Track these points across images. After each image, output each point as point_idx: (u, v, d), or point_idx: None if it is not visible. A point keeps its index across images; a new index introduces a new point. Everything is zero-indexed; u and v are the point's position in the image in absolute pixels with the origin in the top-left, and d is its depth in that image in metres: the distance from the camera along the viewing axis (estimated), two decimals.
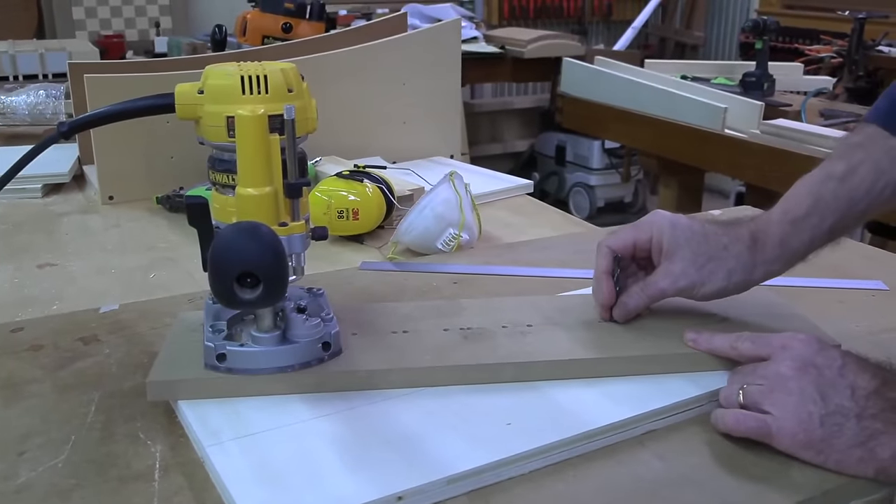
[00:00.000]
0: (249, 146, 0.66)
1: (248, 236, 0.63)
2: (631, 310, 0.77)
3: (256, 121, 0.66)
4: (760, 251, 0.75)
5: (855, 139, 0.78)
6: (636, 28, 4.32)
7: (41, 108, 1.81)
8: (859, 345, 0.81)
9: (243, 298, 0.63)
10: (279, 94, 0.68)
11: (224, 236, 0.63)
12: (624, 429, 0.66)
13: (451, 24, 1.60)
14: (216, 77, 0.69)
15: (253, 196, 0.67)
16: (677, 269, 0.75)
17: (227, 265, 0.62)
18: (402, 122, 1.56)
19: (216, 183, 0.71)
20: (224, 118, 0.67)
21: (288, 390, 0.69)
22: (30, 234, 1.22)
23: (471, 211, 1.11)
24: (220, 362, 0.69)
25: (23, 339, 0.83)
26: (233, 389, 0.68)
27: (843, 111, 2.24)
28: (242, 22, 1.83)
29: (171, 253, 1.13)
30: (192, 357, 0.71)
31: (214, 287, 0.64)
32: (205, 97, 0.69)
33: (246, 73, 0.67)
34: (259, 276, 0.63)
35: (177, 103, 0.70)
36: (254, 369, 0.69)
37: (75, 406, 0.71)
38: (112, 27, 4.04)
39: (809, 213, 0.75)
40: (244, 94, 0.67)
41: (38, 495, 0.59)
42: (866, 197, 0.75)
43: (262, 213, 0.67)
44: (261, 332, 0.70)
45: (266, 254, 0.63)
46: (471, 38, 3.64)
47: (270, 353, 0.69)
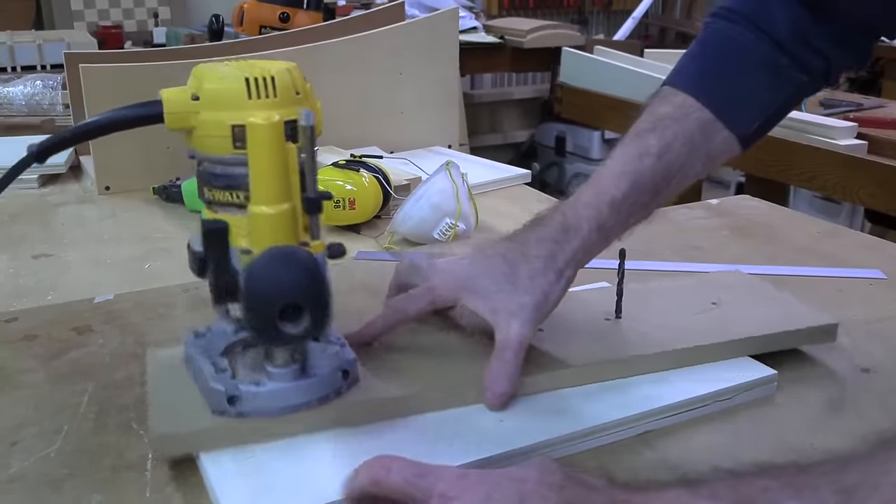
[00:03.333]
0: (264, 158, 0.57)
1: (287, 263, 0.57)
2: (508, 391, 0.65)
3: (272, 129, 0.57)
4: (572, 238, 0.68)
5: (664, 109, 0.72)
6: (636, 18, 4.30)
7: (38, 98, 1.80)
8: (857, 334, 0.81)
9: (289, 333, 0.57)
10: (288, 98, 0.59)
11: (260, 266, 0.57)
12: (622, 427, 0.65)
13: (449, 12, 1.59)
14: (213, 80, 0.59)
15: (269, 215, 0.58)
16: (499, 306, 0.66)
17: (268, 298, 0.56)
18: (399, 112, 1.55)
19: (213, 201, 0.61)
20: (228, 127, 0.58)
21: (307, 430, 0.62)
22: (25, 224, 1.22)
23: (467, 201, 1.11)
24: (231, 406, 0.61)
25: (17, 329, 0.83)
26: (250, 436, 0.61)
27: (844, 101, 2.24)
28: (240, 12, 1.82)
29: (166, 243, 1.12)
30: (191, 402, 0.63)
31: (254, 324, 0.57)
32: (201, 104, 0.59)
33: (251, 75, 0.58)
34: (304, 306, 0.57)
35: (166, 112, 0.60)
36: (271, 410, 0.62)
37: (68, 396, 0.70)
38: (110, 18, 4.02)
39: (628, 193, 0.69)
40: (251, 98, 0.58)
41: (30, 485, 0.59)
42: (679, 172, 0.71)
43: (280, 233, 0.58)
44: (277, 367, 0.62)
45: (309, 281, 0.57)
46: (470, 28, 3.62)
47: (289, 389, 0.62)
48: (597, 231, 0.69)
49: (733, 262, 0.98)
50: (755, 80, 0.73)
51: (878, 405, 0.70)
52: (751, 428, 0.66)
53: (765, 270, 0.98)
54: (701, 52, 0.76)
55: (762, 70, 0.73)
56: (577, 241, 0.68)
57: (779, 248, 1.08)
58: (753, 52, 0.72)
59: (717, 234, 1.13)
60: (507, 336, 0.65)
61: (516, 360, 0.65)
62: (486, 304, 0.67)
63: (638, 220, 0.72)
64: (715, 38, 0.75)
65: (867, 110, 2.12)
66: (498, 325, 0.66)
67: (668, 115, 0.72)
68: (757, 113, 0.73)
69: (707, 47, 0.76)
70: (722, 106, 0.72)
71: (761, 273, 0.96)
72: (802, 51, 0.72)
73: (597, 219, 0.69)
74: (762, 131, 0.75)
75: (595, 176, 0.71)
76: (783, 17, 0.72)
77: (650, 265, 0.98)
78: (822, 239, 1.11)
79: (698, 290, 0.83)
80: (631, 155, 0.71)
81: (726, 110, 0.72)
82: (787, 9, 0.72)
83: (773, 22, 0.72)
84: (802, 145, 1.93)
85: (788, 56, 0.72)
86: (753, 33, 0.72)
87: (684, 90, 0.73)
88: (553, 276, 0.67)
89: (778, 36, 0.72)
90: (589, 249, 0.69)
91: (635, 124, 0.73)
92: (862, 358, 0.77)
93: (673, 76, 0.76)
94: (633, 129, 0.73)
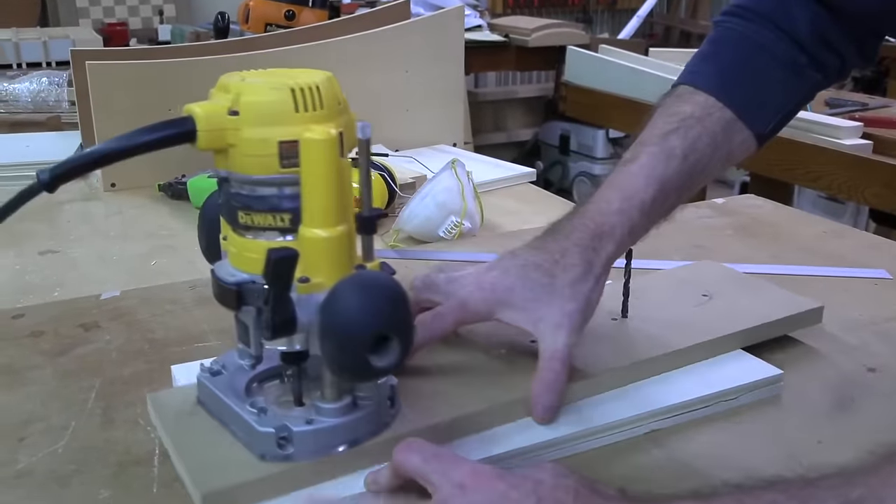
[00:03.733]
0: (322, 177, 0.52)
1: (375, 291, 0.52)
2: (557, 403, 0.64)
3: (328, 144, 0.52)
4: (607, 245, 0.67)
5: (686, 108, 0.72)
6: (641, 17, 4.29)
7: (43, 95, 1.81)
8: (863, 333, 0.81)
9: (378, 367, 0.52)
10: (333, 109, 0.55)
11: (345, 296, 0.52)
12: (629, 426, 0.65)
13: (454, 11, 1.59)
14: (254, 92, 0.53)
15: (325, 239, 0.53)
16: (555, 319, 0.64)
17: (359, 330, 0.51)
18: (404, 110, 1.55)
19: (251, 227, 0.55)
20: (275, 144, 0.52)
21: (360, 467, 0.57)
22: (32, 221, 1.22)
23: (473, 199, 1.11)
24: (281, 448, 0.56)
25: (24, 325, 0.83)
26: (309, 480, 0.56)
27: (849, 100, 2.23)
28: (245, 9, 1.82)
29: (172, 240, 1.12)
30: (228, 450, 0.57)
31: (342, 359, 0.52)
32: (241, 119, 0.53)
33: (296, 85, 0.53)
34: (392, 336, 0.52)
35: (200, 130, 0.53)
36: (325, 448, 0.57)
37: (75, 392, 0.71)
38: (115, 15, 4.03)
39: (656, 197, 0.69)
40: (297, 111, 0.53)
41: (37, 481, 0.59)
42: (702, 172, 0.71)
43: (339, 257, 0.54)
44: (329, 402, 0.57)
45: (397, 309, 0.52)
46: (475, 27, 3.62)
47: (343, 425, 0.57)
48: (629, 235, 0.69)
49: (738, 261, 0.98)
50: (775, 79, 0.73)
51: (885, 405, 0.70)
52: (758, 428, 0.67)
53: (769, 270, 0.98)
54: (715, 52, 0.76)
55: (782, 69, 0.73)
56: (611, 246, 0.67)
57: (784, 247, 1.08)
58: (773, 51, 0.72)
59: (721, 233, 1.13)
60: (554, 347, 0.63)
61: (563, 371, 0.63)
62: (527, 315, 0.65)
63: (663, 219, 0.73)
64: (730, 36, 0.75)
65: (872, 110, 2.12)
66: (544, 336, 0.64)
67: (690, 115, 0.71)
68: (775, 111, 0.74)
69: (722, 47, 0.76)
70: (743, 105, 0.72)
71: (766, 273, 0.96)
72: (821, 50, 0.72)
73: (629, 224, 0.68)
74: (777, 130, 0.75)
75: (622, 178, 0.70)
76: (803, 16, 0.72)
77: (655, 264, 0.98)
78: (828, 239, 1.11)
79: (687, 283, 0.84)
80: (658, 157, 0.70)
81: (748, 110, 0.72)
82: (806, 8, 0.72)
83: (792, 21, 0.72)
84: (808, 145, 1.92)
85: (807, 55, 0.72)
86: (773, 32, 0.72)
87: (705, 90, 0.72)
88: (593, 282, 0.66)
89: (798, 35, 0.72)
90: (620, 253, 0.70)
91: (655, 124, 0.72)
92: (868, 358, 0.77)
93: (689, 76, 0.75)
94: (656, 130, 0.71)
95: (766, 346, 0.76)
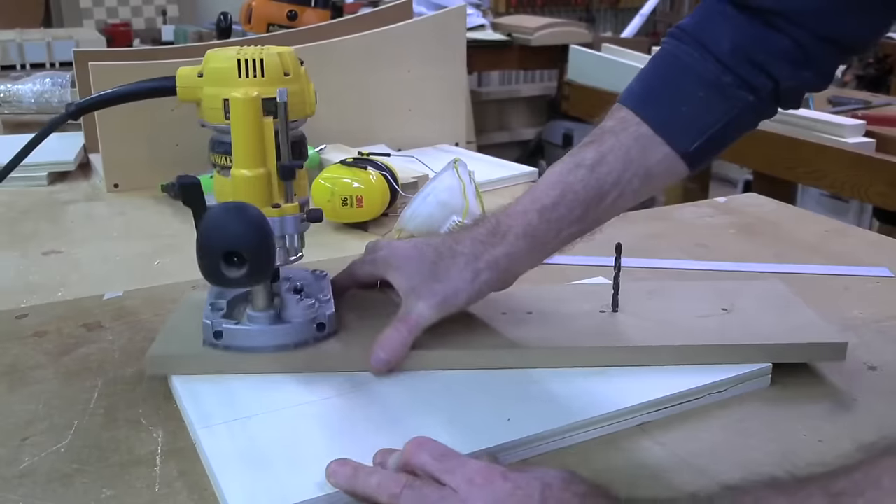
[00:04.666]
0: (243, 128, 0.68)
1: (235, 216, 0.64)
2: (391, 359, 0.70)
3: (249, 103, 0.67)
4: (498, 243, 0.70)
5: (608, 123, 0.73)
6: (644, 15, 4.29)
7: (47, 96, 1.81)
8: (865, 332, 0.81)
9: (229, 277, 0.64)
10: (275, 78, 0.69)
11: (212, 216, 0.65)
12: (618, 419, 0.66)
13: (457, 10, 1.59)
14: (215, 60, 0.70)
15: (246, 177, 0.68)
16: (412, 287, 0.71)
17: (213, 244, 0.63)
18: (407, 110, 1.56)
19: (216, 164, 0.72)
20: (221, 101, 0.68)
21: (280, 370, 0.70)
22: (35, 221, 1.22)
23: (474, 198, 1.11)
24: (217, 339, 0.71)
25: (27, 325, 0.84)
26: (227, 367, 0.70)
27: (852, 98, 2.23)
28: (248, 10, 1.83)
29: (175, 240, 1.13)
30: (192, 334, 0.72)
31: (202, 264, 0.64)
32: (204, 80, 0.70)
33: (243, 57, 0.68)
34: (245, 255, 0.63)
35: (178, 86, 0.71)
36: (249, 347, 0.71)
37: (78, 392, 0.71)
38: (119, 16, 4.04)
39: (557, 202, 0.70)
40: (240, 77, 0.68)
41: (40, 480, 0.59)
42: (615, 187, 0.70)
43: (255, 194, 0.69)
44: (255, 311, 0.72)
45: (251, 233, 0.64)
46: (478, 26, 3.62)
47: (265, 331, 0.71)
48: (524, 238, 0.70)
49: (740, 260, 0.98)
50: (696, 97, 0.71)
51: (886, 403, 0.70)
52: (758, 426, 0.67)
53: (772, 269, 0.98)
54: (649, 71, 0.75)
55: (703, 88, 0.71)
56: (501, 246, 0.70)
57: (786, 246, 1.08)
58: (695, 70, 0.71)
59: (724, 232, 1.13)
60: (408, 311, 0.70)
61: (408, 335, 0.70)
62: (405, 282, 0.72)
63: (573, 234, 0.72)
64: (663, 57, 0.74)
65: (876, 108, 2.12)
66: (406, 301, 0.71)
67: (608, 129, 0.72)
68: (698, 131, 0.71)
69: (655, 66, 0.75)
70: (660, 120, 0.71)
71: (768, 271, 0.96)
72: (745, 69, 0.70)
73: (524, 226, 0.70)
74: (707, 152, 0.73)
75: (533, 185, 0.74)
76: (726, 34, 0.70)
77: (658, 263, 0.98)
78: (830, 237, 1.11)
79: (714, 295, 0.81)
80: (567, 165, 0.72)
81: (665, 125, 0.71)
82: (732, 23, 0.70)
83: (715, 40, 0.70)
84: (810, 143, 1.92)
85: (732, 74, 0.70)
86: (697, 51, 0.71)
87: (627, 105, 0.73)
88: (469, 274, 0.70)
89: (720, 54, 0.70)
90: (515, 256, 0.71)
91: (584, 138, 0.74)
92: (869, 356, 0.77)
93: (622, 95, 0.75)
94: (577, 143, 0.74)
95: None
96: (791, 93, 0.72)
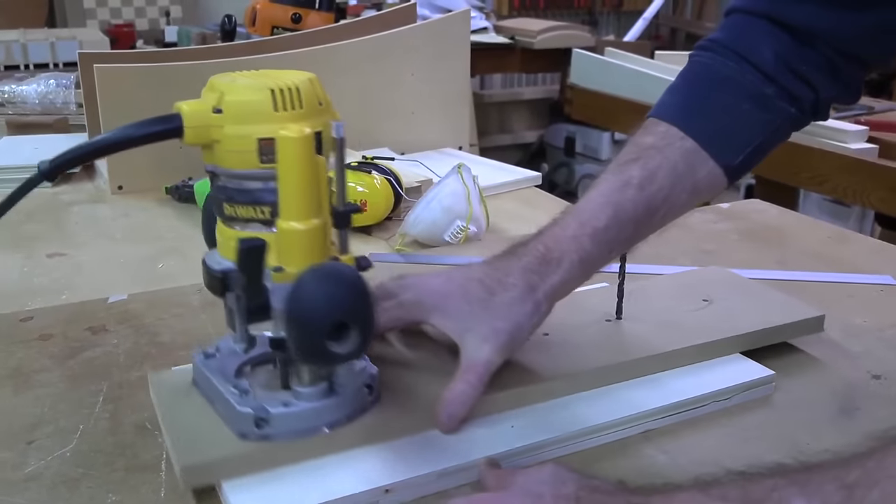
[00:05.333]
0: (296, 173, 0.55)
1: (336, 281, 0.55)
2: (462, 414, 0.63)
3: (303, 142, 0.55)
4: (553, 272, 0.66)
5: (648, 140, 0.71)
6: (647, 19, 4.29)
7: (51, 97, 1.81)
8: (868, 340, 0.82)
9: (338, 353, 0.55)
10: (313, 109, 0.58)
11: (308, 286, 0.54)
12: (623, 426, 0.66)
13: (461, 14, 1.59)
14: (236, 92, 0.57)
15: (301, 231, 0.56)
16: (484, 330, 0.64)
17: (319, 318, 0.54)
18: (410, 113, 1.56)
19: (235, 218, 0.59)
20: (255, 141, 0.56)
21: (337, 449, 0.61)
22: (39, 223, 1.22)
23: (479, 203, 1.11)
24: (260, 428, 0.59)
25: (32, 328, 0.84)
26: (281, 458, 0.59)
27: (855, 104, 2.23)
28: (252, 12, 1.83)
29: (178, 243, 1.13)
30: (212, 428, 0.60)
31: (302, 344, 0.55)
32: (224, 117, 0.57)
33: (276, 86, 0.57)
34: (354, 325, 0.55)
35: (186, 126, 0.57)
36: (301, 430, 0.60)
37: (84, 396, 0.71)
38: (122, 16, 4.04)
39: (609, 225, 0.67)
40: (277, 110, 0.56)
41: (46, 484, 0.60)
42: (664, 204, 0.69)
43: (312, 249, 0.57)
44: (304, 386, 0.61)
45: (359, 298, 0.55)
46: (480, 29, 3.63)
47: (319, 409, 0.60)
48: (578, 264, 0.67)
49: (743, 265, 0.98)
50: (740, 110, 0.71)
51: (890, 412, 0.70)
52: (762, 433, 0.67)
53: (775, 275, 0.98)
54: (684, 85, 0.75)
55: (748, 101, 0.70)
56: (557, 275, 0.66)
57: (789, 252, 1.08)
58: (738, 83, 0.70)
59: (727, 237, 1.14)
60: (474, 359, 0.63)
61: (479, 385, 0.63)
62: (456, 324, 0.65)
63: (621, 251, 0.72)
64: (698, 69, 0.74)
65: (879, 114, 2.12)
66: (466, 347, 0.64)
67: (651, 146, 0.70)
68: (743, 144, 0.71)
69: (690, 79, 0.74)
70: (706, 136, 0.70)
71: (771, 278, 0.96)
72: (788, 79, 0.70)
73: (578, 252, 0.67)
74: (749, 164, 0.72)
75: (577, 207, 0.69)
76: (767, 46, 0.70)
77: (661, 269, 0.99)
78: (833, 244, 1.11)
79: (688, 288, 0.84)
80: (613, 185, 0.69)
81: (712, 141, 0.70)
82: (771, 37, 0.70)
83: (757, 52, 0.70)
84: (813, 149, 1.93)
85: (775, 86, 0.70)
86: (738, 64, 0.70)
87: (668, 121, 0.71)
88: (531, 307, 0.65)
89: (763, 66, 0.70)
90: (569, 283, 0.67)
91: (619, 156, 0.71)
92: (873, 364, 0.77)
93: (656, 109, 0.74)
94: (617, 160, 0.71)
95: (769, 353, 0.76)
96: (827, 105, 0.73)
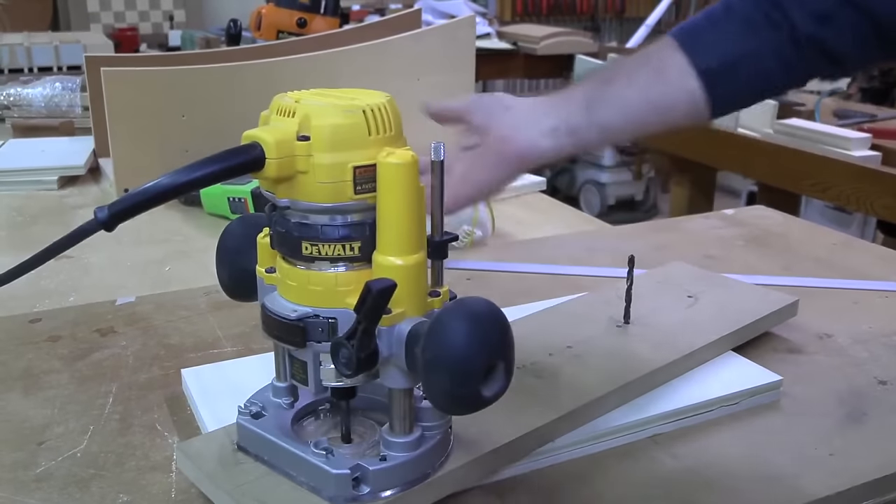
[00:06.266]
0: (402, 202, 0.50)
1: (481, 321, 0.49)
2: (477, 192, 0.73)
3: (408, 169, 0.50)
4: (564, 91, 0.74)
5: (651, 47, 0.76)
6: (650, 25, 4.30)
7: (57, 100, 1.81)
8: (874, 346, 0.82)
9: (489, 397, 0.49)
10: (399, 132, 0.53)
11: (455, 328, 0.48)
12: (632, 430, 0.66)
13: (466, 20, 1.60)
14: (325, 115, 0.51)
15: (404, 267, 0.50)
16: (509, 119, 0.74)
17: (474, 362, 0.48)
18: (415, 118, 1.56)
19: (317, 258, 0.52)
20: (350, 170, 0.50)
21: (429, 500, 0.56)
22: (45, 226, 1.23)
23: (484, 207, 1.12)
24: (356, 489, 0.53)
25: (41, 329, 0.84)
26: None
27: (857, 111, 2.24)
28: (257, 16, 1.83)
29: (185, 246, 1.13)
30: (292, 497, 0.54)
31: (455, 392, 0.49)
32: (314, 144, 0.50)
33: (367, 107, 0.51)
34: (503, 365, 0.50)
35: (269, 158, 0.50)
36: (396, 485, 0.53)
37: (93, 397, 0.71)
38: (126, 20, 4.05)
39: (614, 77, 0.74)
40: (370, 135, 0.51)
41: (57, 484, 0.60)
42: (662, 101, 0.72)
43: (416, 286, 0.52)
44: (395, 435, 0.54)
45: (506, 335, 0.50)
46: (483, 35, 3.63)
47: (414, 459, 0.54)
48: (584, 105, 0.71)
49: (748, 272, 0.98)
50: (728, 24, 0.71)
51: None
52: (769, 438, 0.67)
53: (780, 281, 0.98)
54: None
55: (736, 22, 0.70)
56: None
57: (794, 258, 1.08)
58: (734, 9, 0.71)
59: (732, 244, 1.14)
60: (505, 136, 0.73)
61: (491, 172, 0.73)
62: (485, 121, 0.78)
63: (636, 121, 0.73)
64: None
65: (881, 121, 2.13)
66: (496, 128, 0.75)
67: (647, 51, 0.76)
68: (721, 53, 0.70)
69: None
70: (685, 33, 0.73)
71: (777, 284, 0.96)
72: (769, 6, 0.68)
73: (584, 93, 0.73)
74: (729, 81, 0.70)
75: None
76: None
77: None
78: (838, 250, 1.11)
79: (668, 286, 0.86)
80: None
81: (689, 38, 0.72)
82: None
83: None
84: (816, 156, 1.93)
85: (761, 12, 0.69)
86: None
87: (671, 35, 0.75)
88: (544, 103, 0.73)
89: None
90: None
91: None
92: (879, 370, 0.77)
93: None
94: None
95: (775, 358, 0.77)
96: (812, 46, 0.68)
